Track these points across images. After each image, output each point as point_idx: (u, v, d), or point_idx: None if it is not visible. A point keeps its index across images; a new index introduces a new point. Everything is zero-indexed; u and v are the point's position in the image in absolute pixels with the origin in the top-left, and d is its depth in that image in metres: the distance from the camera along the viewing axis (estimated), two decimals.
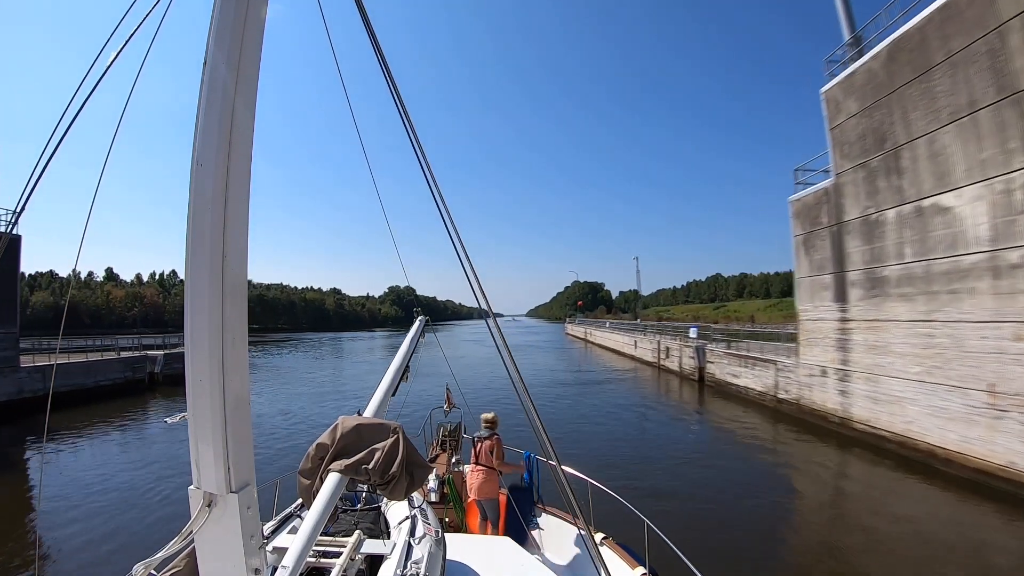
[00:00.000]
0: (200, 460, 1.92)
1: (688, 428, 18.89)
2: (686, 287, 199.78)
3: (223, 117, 1.81)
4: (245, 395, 1.98)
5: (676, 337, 34.28)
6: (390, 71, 2.40)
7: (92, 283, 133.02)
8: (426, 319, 6.72)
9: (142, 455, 15.25)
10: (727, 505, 10.66)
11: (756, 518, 9.97)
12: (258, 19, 1.89)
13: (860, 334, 15.76)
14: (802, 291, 18.85)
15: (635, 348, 42.21)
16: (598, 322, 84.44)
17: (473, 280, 2.75)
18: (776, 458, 14.41)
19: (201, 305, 1.83)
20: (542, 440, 2.65)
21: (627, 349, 45.59)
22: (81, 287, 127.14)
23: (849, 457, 14.23)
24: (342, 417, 2.98)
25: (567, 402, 23.70)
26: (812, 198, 18.30)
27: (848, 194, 16.40)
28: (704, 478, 12.59)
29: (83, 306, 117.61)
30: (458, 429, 8.77)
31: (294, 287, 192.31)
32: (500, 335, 2.83)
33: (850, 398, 15.96)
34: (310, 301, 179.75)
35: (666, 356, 33.11)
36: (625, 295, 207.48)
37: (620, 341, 49.33)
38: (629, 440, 16.94)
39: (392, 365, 4.65)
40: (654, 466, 13.56)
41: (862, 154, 15.72)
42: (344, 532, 3.45)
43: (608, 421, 19.55)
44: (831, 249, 17.17)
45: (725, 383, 24.41)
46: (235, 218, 1.85)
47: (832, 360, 16.86)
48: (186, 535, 1.98)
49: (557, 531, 6.28)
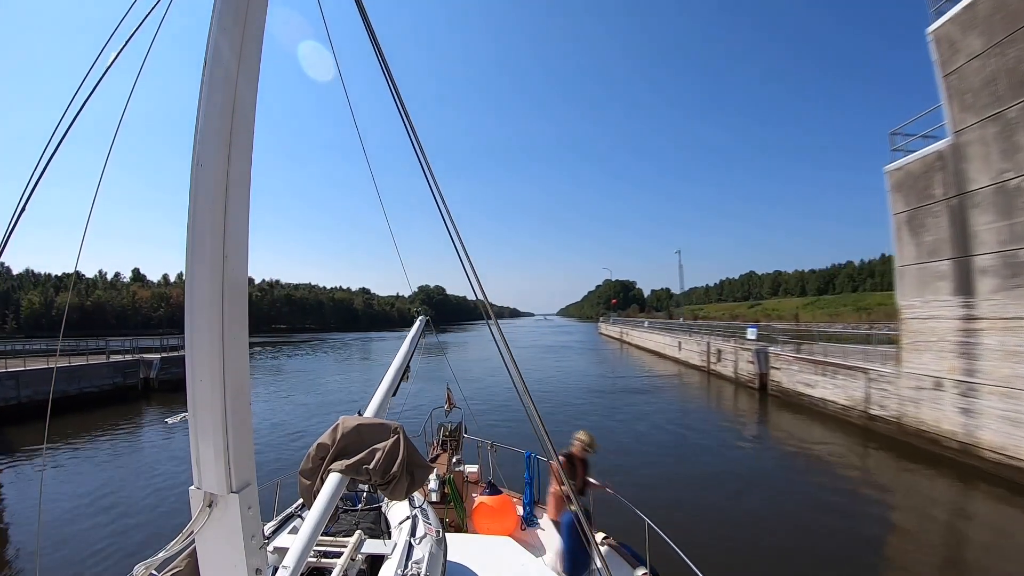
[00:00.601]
0: (201, 460, 1.91)
1: (748, 447, 15.57)
2: (719, 285, 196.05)
3: (223, 117, 1.80)
4: (246, 395, 1.96)
5: (729, 338, 30.71)
6: (390, 72, 2.37)
7: (118, 283, 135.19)
8: (427, 319, 6.44)
9: (119, 480, 12.78)
10: (818, 554, 8.26)
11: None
12: (259, 19, 1.89)
13: (994, 336, 12.19)
14: (906, 283, 15.19)
15: (679, 350, 38.57)
16: (634, 321, 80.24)
17: (473, 279, 2.66)
18: (872, 491, 11.26)
19: (201, 305, 1.83)
20: (542, 440, 2.65)
21: (669, 351, 41.98)
22: (107, 287, 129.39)
23: (975, 494, 11.15)
24: (343, 417, 2.95)
25: (601, 415, 20.55)
26: (919, 165, 14.66)
27: (973, 156, 12.80)
28: (776, 515, 9.91)
29: (109, 307, 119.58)
30: (459, 429, 8.74)
31: (322, 287, 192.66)
32: (501, 336, 2.73)
33: (977, 418, 12.44)
34: (338, 301, 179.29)
35: (717, 360, 29.53)
36: (657, 293, 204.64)
37: (661, 342, 45.64)
38: (677, 462, 13.98)
39: (392, 365, 4.54)
40: (711, 497, 10.95)
41: (993, 103, 12.16)
42: (345, 532, 3.55)
43: (651, 438, 16.48)
44: (949, 228, 13.54)
45: (795, 393, 20.82)
46: (235, 218, 1.84)
47: (950, 369, 13.28)
48: (187, 535, 1.99)
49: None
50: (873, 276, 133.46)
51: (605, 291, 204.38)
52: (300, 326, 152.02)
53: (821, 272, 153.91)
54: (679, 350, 38.48)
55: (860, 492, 11.24)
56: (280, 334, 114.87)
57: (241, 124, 1.83)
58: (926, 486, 11.78)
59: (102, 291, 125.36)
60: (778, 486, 11.82)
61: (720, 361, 29.11)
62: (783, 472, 13.04)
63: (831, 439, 15.65)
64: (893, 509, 10.45)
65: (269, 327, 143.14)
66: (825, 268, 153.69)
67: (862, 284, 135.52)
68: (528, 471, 6.96)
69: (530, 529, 6.49)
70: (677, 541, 4.44)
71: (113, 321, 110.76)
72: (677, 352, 38.93)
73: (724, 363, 28.39)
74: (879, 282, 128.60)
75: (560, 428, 10.08)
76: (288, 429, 18.23)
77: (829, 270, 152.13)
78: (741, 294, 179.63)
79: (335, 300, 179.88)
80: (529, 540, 6.20)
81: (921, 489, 11.61)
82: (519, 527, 6.41)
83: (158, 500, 11.21)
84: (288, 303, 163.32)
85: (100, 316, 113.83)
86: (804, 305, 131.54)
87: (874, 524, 9.48)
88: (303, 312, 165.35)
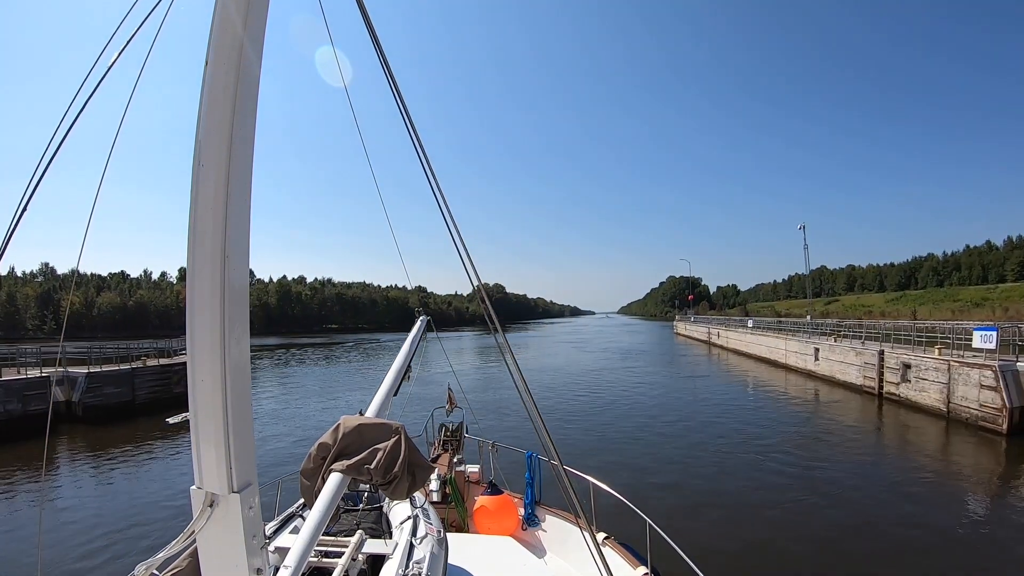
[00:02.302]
0: (202, 460, 1.91)
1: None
2: (787, 281, 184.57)
3: (224, 118, 1.79)
4: (247, 394, 1.97)
5: (920, 345, 22.51)
6: (393, 81, 2.43)
7: (164, 283, 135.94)
8: (428, 319, 6.53)
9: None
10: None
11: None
12: (260, 19, 1.86)
13: None
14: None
15: (815, 361, 30.48)
16: (722, 320, 70.62)
17: (473, 277, 2.64)
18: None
19: (203, 305, 1.83)
20: (543, 439, 2.64)
21: (796, 361, 33.87)
22: (152, 287, 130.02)
23: None
24: (344, 417, 2.95)
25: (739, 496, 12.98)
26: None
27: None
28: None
29: (152, 307, 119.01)
30: (460, 429, 8.71)
31: (376, 286, 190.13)
32: (506, 344, 2.76)
33: None
34: (392, 300, 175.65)
35: (901, 378, 21.77)
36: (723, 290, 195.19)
37: (781, 349, 37.33)
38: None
39: (394, 365, 4.57)
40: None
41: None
42: (346, 532, 3.53)
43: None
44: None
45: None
46: (237, 218, 1.84)
47: None
48: (188, 535, 1.99)
49: (559, 531, 6.32)
50: (960, 269, 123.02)
51: (669, 288, 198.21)
52: (352, 326, 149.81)
53: (901, 266, 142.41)
54: (815, 360, 30.38)
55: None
56: (329, 334, 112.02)
57: (242, 124, 1.82)
58: None
59: (146, 290, 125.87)
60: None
61: (908, 381, 21.29)
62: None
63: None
64: None
65: (321, 327, 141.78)
66: (906, 261, 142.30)
67: (948, 278, 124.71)
68: (529, 471, 6.88)
69: (531, 529, 6.52)
70: (677, 541, 4.41)
71: (156, 322, 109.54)
72: (812, 363, 30.81)
73: (918, 385, 20.55)
74: (967, 276, 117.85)
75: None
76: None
77: (910, 263, 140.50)
78: (812, 290, 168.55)
79: (389, 299, 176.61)
80: (530, 540, 6.36)
81: None
82: (520, 527, 6.49)
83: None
84: (339, 302, 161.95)
85: (142, 316, 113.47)
86: (887, 301, 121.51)
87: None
88: (356, 311, 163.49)
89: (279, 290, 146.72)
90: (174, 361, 26.01)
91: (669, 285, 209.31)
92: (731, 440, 16.80)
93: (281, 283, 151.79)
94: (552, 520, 6.51)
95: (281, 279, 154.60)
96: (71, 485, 13.80)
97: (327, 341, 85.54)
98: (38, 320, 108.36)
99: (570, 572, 5.58)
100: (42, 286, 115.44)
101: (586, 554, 3.66)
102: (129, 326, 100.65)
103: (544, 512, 6.67)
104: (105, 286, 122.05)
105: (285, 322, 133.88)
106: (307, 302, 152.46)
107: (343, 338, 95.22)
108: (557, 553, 6.03)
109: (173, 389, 24.33)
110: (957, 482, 13.05)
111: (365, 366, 45.82)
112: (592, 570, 3.11)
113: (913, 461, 14.82)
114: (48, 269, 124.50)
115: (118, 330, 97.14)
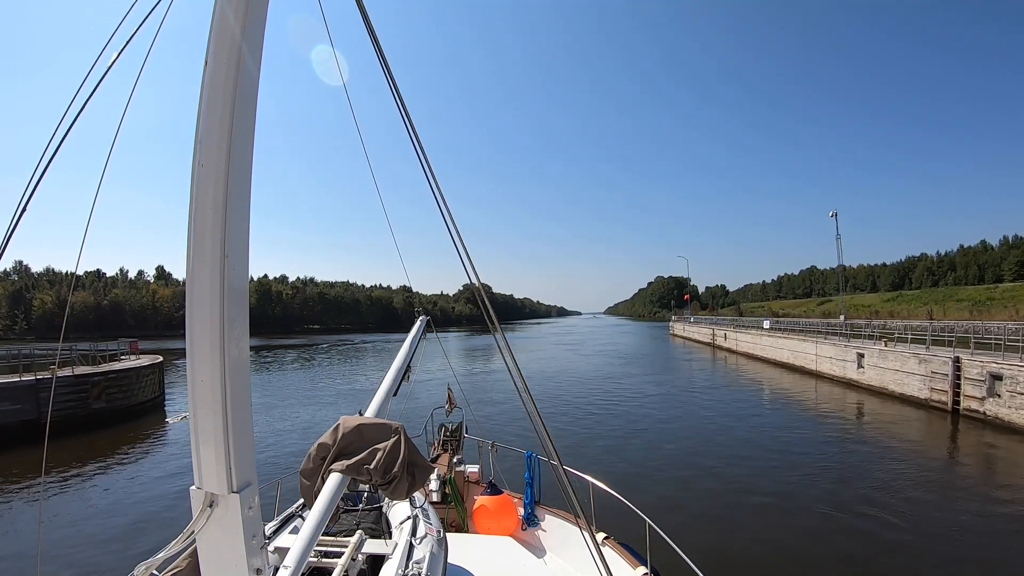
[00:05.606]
0: (201, 460, 1.87)
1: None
2: (777, 281, 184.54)
3: (223, 118, 1.76)
4: (246, 395, 1.92)
5: (1020, 352, 18.02)
6: (392, 80, 2.39)
7: (140, 282, 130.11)
8: (427, 319, 6.22)
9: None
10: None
11: None
12: (259, 19, 1.84)
13: None
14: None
15: (856, 368, 26.55)
16: (730, 321, 66.34)
17: (473, 277, 2.67)
18: None
19: (202, 305, 1.80)
20: (543, 439, 2.60)
21: (829, 368, 29.92)
22: (127, 286, 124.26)
23: None
24: (343, 417, 2.88)
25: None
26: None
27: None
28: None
29: (128, 306, 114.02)
30: (459, 429, 8.64)
31: (360, 285, 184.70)
32: (507, 345, 2.70)
33: None
34: (376, 300, 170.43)
35: (988, 392, 17.87)
36: (712, 290, 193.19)
37: (808, 353, 33.09)
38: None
39: (393, 366, 4.50)
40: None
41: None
42: (346, 532, 3.48)
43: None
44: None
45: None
46: (237, 218, 1.81)
47: None
48: (188, 535, 1.95)
49: (558, 531, 6.19)
50: (955, 269, 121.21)
51: (658, 288, 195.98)
52: (335, 326, 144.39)
53: (894, 266, 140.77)
54: (857, 368, 26.46)
55: None
56: (309, 335, 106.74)
57: (242, 124, 1.80)
58: None
59: (121, 290, 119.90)
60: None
61: (998, 396, 17.41)
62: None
63: None
64: None
65: (302, 327, 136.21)
66: (899, 261, 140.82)
67: (943, 278, 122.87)
68: (529, 471, 6.72)
69: (531, 529, 6.39)
70: (677, 540, 4.33)
71: (131, 322, 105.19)
72: (854, 371, 26.83)
73: (1015, 401, 16.73)
74: (962, 276, 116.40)
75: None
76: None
77: (904, 263, 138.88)
78: (802, 291, 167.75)
79: (372, 299, 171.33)
80: (530, 540, 6.26)
81: None
82: (520, 527, 6.37)
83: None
84: (321, 301, 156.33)
85: (117, 316, 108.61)
86: (885, 301, 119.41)
87: None
88: (339, 311, 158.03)
89: (259, 289, 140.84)
90: (97, 370, 21.21)
91: (658, 285, 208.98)
92: (791, 481, 12.66)
93: (261, 282, 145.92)
94: (552, 520, 6.37)
95: (262, 278, 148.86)
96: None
97: (305, 343, 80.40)
98: (8, 320, 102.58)
99: (570, 572, 5.54)
100: (15, 284, 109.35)
101: (586, 554, 3.32)
102: (103, 326, 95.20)
103: (544, 512, 6.53)
104: (79, 285, 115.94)
105: (266, 323, 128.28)
106: (288, 302, 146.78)
107: (323, 339, 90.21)
108: (557, 553, 5.95)
109: (92, 404, 19.62)
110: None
111: (332, 373, 41.07)
112: (592, 570, 2.83)
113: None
114: (22, 267, 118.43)
115: (91, 330, 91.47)
